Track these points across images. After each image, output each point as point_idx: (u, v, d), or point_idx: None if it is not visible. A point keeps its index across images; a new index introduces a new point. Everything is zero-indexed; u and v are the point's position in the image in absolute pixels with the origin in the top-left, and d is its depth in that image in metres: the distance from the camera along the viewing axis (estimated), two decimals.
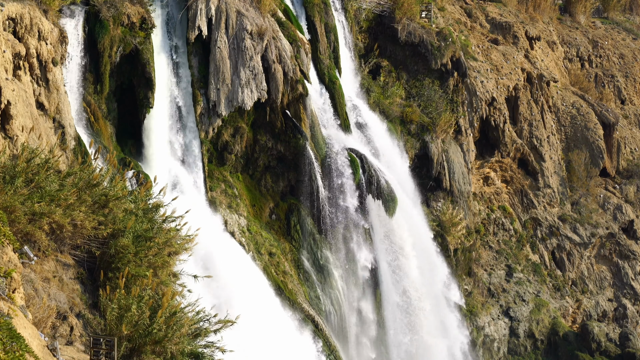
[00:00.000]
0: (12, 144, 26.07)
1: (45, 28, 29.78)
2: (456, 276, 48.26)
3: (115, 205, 20.84)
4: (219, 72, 37.76)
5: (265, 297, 36.28)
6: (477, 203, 52.81)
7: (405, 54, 49.67)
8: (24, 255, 17.84)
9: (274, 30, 39.61)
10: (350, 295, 41.69)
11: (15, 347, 13.66)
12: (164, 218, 22.10)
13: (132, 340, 18.07)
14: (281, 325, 36.00)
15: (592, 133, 58.17)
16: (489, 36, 57.59)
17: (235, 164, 39.92)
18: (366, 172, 41.53)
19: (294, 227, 40.68)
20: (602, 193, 58.16)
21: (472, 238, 50.50)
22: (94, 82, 34.39)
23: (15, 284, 15.79)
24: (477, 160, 53.33)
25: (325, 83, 43.36)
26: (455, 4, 58.75)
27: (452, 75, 49.89)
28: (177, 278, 22.14)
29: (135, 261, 20.14)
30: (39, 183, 19.65)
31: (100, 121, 34.48)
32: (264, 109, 39.66)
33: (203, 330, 19.54)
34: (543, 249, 54.80)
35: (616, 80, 64.09)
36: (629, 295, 56.24)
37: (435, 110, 48.29)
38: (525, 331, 51.28)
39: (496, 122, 53.10)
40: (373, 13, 49.19)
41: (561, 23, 65.60)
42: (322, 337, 38.03)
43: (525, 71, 55.75)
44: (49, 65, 30.08)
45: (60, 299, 19.10)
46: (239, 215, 38.78)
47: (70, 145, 30.83)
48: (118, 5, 34.53)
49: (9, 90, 26.44)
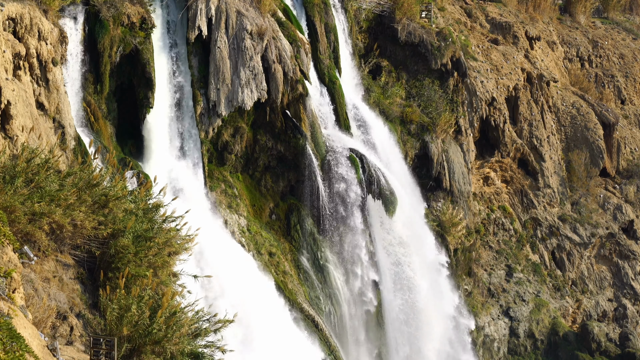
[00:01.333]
0: (12, 144, 26.07)
1: (45, 28, 29.78)
2: (456, 276, 48.27)
3: (115, 205, 20.83)
4: (219, 72, 37.76)
5: (266, 297, 36.28)
6: (477, 203, 52.81)
7: (405, 54, 49.67)
8: (24, 255, 17.83)
9: (274, 30, 39.61)
10: (350, 294, 41.69)
11: (15, 347, 13.66)
12: (164, 218, 22.08)
13: (132, 340, 18.07)
14: (281, 325, 36.01)
15: (592, 133, 58.17)
16: (489, 36, 57.59)
17: (235, 164, 39.92)
18: (366, 172, 41.54)
19: (294, 227, 40.68)
20: (602, 193, 58.16)
21: (472, 238, 50.51)
22: (94, 82, 34.40)
23: (15, 284, 15.79)
24: (477, 160, 53.33)
25: (325, 83, 43.36)
26: (455, 4, 58.74)
27: (452, 75, 49.89)
28: (177, 278, 22.13)
29: (135, 261, 20.13)
30: (39, 183, 19.64)
31: (100, 121, 34.49)
32: (264, 109, 39.66)
33: (203, 330, 19.52)
34: (543, 249, 54.81)
35: (616, 80, 64.09)
36: (629, 295, 56.24)
37: (435, 110, 48.29)
38: (525, 331, 51.28)
39: (496, 122, 53.10)
40: (373, 13, 49.19)
41: (561, 23, 65.60)
42: (322, 337, 38.04)
43: (525, 71, 55.75)
44: (49, 65, 30.07)
45: (60, 299, 19.10)
46: (239, 215, 38.79)
47: (70, 145, 30.82)
48: (118, 5, 34.54)
49: (9, 90, 26.44)
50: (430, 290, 44.74)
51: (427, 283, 44.59)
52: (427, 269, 45.17)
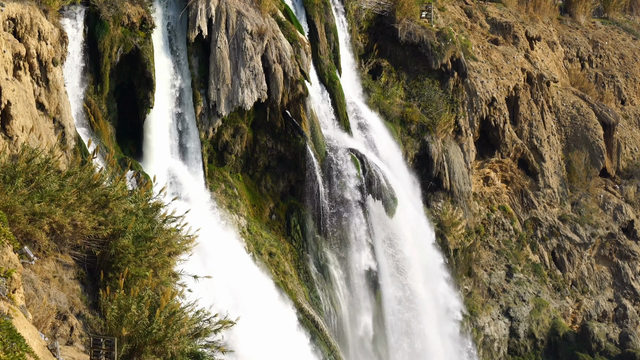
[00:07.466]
0: (12, 144, 26.07)
1: (45, 28, 29.78)
2: (456, 276, 48.27)
3: (115, 205, 20.83)
4: (219, 72, 37.76)
5: (266, 297, 36.28)
6: (477, 203, 52.81)
7: (405, 54, 49.67)
8: (24, 255, 17.84)
9: (274, 31, 39.61)
10: (350, 295, 41.70)
11: (16, 347, 13.67)
12: (164, 218, 22.08)
13: (132, 341, 18.07)
14: (281, 324, 36.01)
15: (592, 133, 58.17)
16: (489, 36, 57.59)
17: (235, 164, 39.92)
18: (366, 172, 41.54)
19: (294, 227, 40.68)
20: (602, 193, 58.16)
21: (472, 238, 50.51)
22: (94, 82, 34.39)
23: (15, 284, 15.80)
24: (477, 161, 53.33)
25: (325, 83, 43.36)
26: (455, 4, 58.74)
27: (452, 75, 49.88)
28: (177, 278, 22.14)
29: (135, 261, 20.14)
30: (39, 183, 19.64)
31: (101, 121, 34.48)
32: (264, 109, 39.66)
33: (203, 330, 19.53)
34: (543, 249, 54.81)
35: (616, 81, 64.09)
36: (629, 296, 56.24)
37: (435, 110, 48.29)
38: (525, 331, 51.28)
39: (496, 122, 53.10)
40: (373, 13, 49.19)
41: (561, 23, 65.59)
42: (321, 337, 38.03)
43: (526, 71, 55.75)
44: (49, 65, 30.06)
45: (60, 299, 19.10)
46: (239, 216, 38.79)
47: (71, 145, 30.82)
48: (118, 5, 34.52)
49: (9, 90, 26.44)
50: (429, 290, 44.77)
51: (427, 282, 44.61)
52: (427, 269, 45.19)
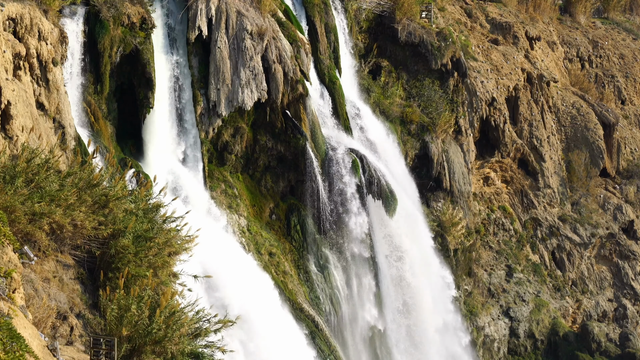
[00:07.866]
0: (12, 144, 26.07)
1: (45, 28, 29.78)
2: (456, 276, 48.27)
3: (115, 205, 20.82)
4: (219, 72, 37.77)
5: (266, 296, 36.29)
6: (477, 203, 52.81)
7: (405, 54, 49.67)
8: (24, 255, 17.84)
9: (274, 31, 39.61)
10: (350, 295, 41.70)
11: (15, 347, 13.67)
12: (164, 218, 22.08)
13: (132, 341, 18.07)
14: (281, 324, 36.01)
15: (592, 133, 58.17)
16: (489, 36, 57.58)
17: (235, 164, 39.93)
18: (366, 172, 41.55)
19: (294, 227, 40.68)
20: (602, 193, 58.16)
21: (472, 238, 50.51)
22: (94, 82, 34.39)
23: (15, 284, 15.80)
24: (477, 161, 53.33)
25: (325, 83, 43.36)
26: (455, 4, 58.74)
27: (452, 75, 49.89)
28: (177, 278, 22.14)
29: (135, 261, 20.13)
30: (39, 183, 19.64)
31: (101, 121, 34.49)
32: (264, 109, 39.67)
33: (203, 330, 19.53)
34: (543, 249, 54.81)
35: (616, 81, 64.09)
36: (629, 296, 56.24)
37: (435, 110, 48.29)
38: (525, 331, 51.28)
39: (496, 122, 53.10)
40: (373, 13, 49.19)
41: (561, 23, 65.59)
42: (321, 337, 38.04)
43: (525, 71, 55.75)
44: (49, 65, 30.07)
45: (60, 299, 19.10)
46: (239, 216, 38.79)
47: (71, 145, 30.82)
48: (118, 5, 34.53)
49: (9, 90, 26.45)
50: (429, 289, 44.79)
51: (426, 282, 44.63)
52: (427, 268, 45.20)
